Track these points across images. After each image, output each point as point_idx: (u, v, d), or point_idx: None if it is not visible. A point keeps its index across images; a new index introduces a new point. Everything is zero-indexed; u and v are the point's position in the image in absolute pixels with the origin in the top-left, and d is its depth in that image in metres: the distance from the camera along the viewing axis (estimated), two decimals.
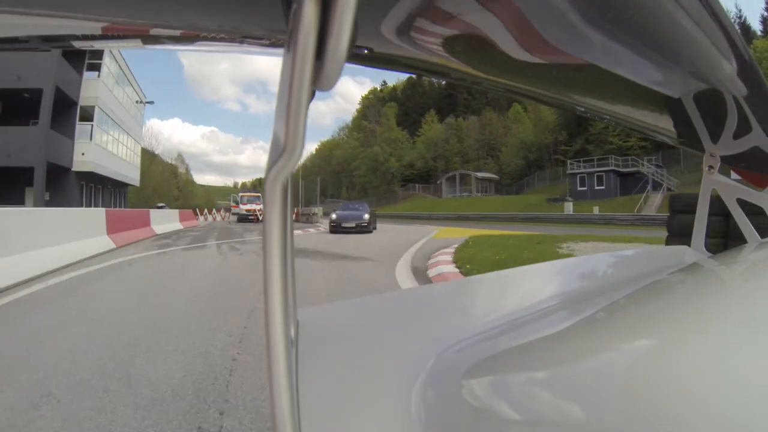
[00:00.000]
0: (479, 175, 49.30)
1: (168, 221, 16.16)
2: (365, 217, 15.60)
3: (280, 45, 0.40)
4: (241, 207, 27.07)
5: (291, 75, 0.18)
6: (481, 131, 55.79)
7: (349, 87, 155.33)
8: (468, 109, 60.92)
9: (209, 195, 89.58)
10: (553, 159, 45.33)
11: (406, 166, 62.81)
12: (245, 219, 25.72)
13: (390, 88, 76.74)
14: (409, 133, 65.03)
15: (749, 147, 0.81)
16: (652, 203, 27.19)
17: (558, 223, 24.83)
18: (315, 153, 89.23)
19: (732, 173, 1.01)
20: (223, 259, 7.48)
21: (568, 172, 36.17)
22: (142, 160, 36.00)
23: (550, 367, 0.35)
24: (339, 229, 15.06)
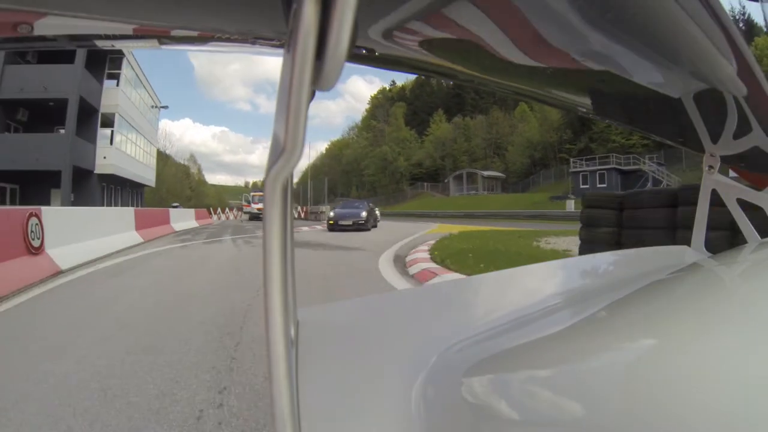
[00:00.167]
0: (486, 173, 49.28)
1: (185, 219, 17.53)
2: (362, 214, 15.49)
3: (280, 45, 0.41)
4: (252, 206, 28.18)
5: (291, 75, 0.18)
6: (488, 130, 55.42)
7: (358, 86, 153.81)
8: (475, 108, 60.13)
9: (221, 194, 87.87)
10: (558, 157, 45.29)
11: (415, 165, 62.14)
12: (257, 217, 26.47)
13: (398, 88, 75.64)
14: (417, 132, 64.38)
15: (749, 147, 0.80)
16: None
17: (559, 220, 24.75)
18: (325, 152, 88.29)
19: (732, 173, 0.96)
20: (237, 250, 8.68)
21: (571, 170, 36.43)
22: (157, 161, 36.73)
23: (551, 366, 0.34)
24: (336, 227, 15.05)
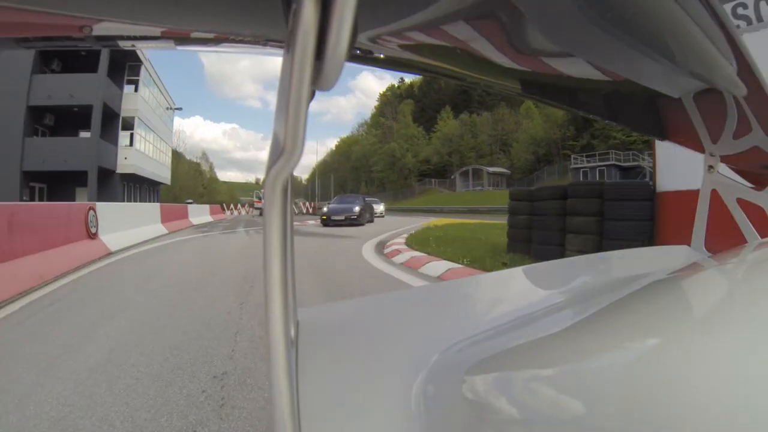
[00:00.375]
0: (491, 170, 50.41)
1: (201, 214, 19.38)
2: (355, 209, 15.53)
3: (280, 45, 0.41)
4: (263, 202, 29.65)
5: (291, 75, 0.18)
6: (494, 127, 56.30)
7: (368, 82, 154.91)
8: (482, 105, 60.95)
9: (232, 191, 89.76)
10: (561, 154, 46.18)
11: (423, 162, 63.14)
12: None
13: (407, 85, 76.77)
14: (425, 129, 65.37)
15: (749, 147, 0.79)
16: None
17: None
18: (335, 149, 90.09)
19: (732, 173, 0.98)
20: (250, 239, 10.21)
21: (572, 166, 37.38)
22: (171, 160, 38.34)
23: (551, 366, 0.34)
24: (330, 222, 15.11)
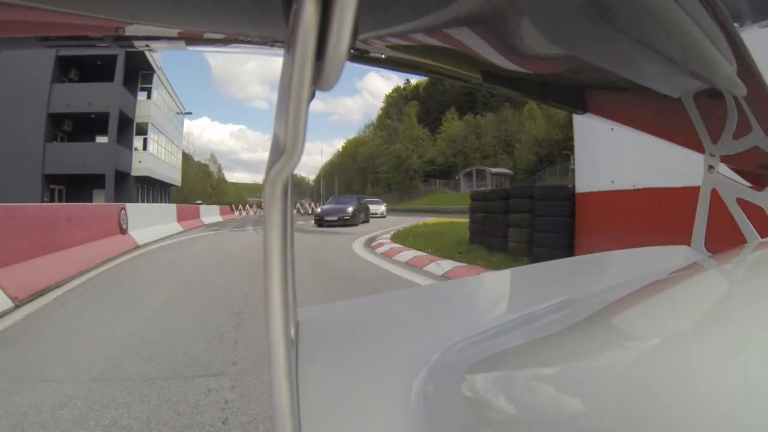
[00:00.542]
0: (494, 170, 50.56)
1: (212, 214, 20.80)
2: (348, 210, 15.41)
3: (281, 45, 0.41)
4: None
5: (291, 75, 0.18)
6: (498, 128, 56.42)
7: (375, 83, 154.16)
8: (486, 106, 60.87)
9: (240, 192, 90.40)
10: (563, 154, 45.87)
11: (428, 163, 63.10)
12: None
13: (412, 87, 76.69)
14: (430, 130, 65.31)
15: (749, 147, 0.79)
16: None
17: None
18: (342, 150, 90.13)
19: (732, 173, 0.97)
20: (258, 236, 11.35)
21: (572, 167, 37.50)
22: (181, 162, 39.47)
23: (551, 366, 0.34)
24: (324, 223, 15.03)
